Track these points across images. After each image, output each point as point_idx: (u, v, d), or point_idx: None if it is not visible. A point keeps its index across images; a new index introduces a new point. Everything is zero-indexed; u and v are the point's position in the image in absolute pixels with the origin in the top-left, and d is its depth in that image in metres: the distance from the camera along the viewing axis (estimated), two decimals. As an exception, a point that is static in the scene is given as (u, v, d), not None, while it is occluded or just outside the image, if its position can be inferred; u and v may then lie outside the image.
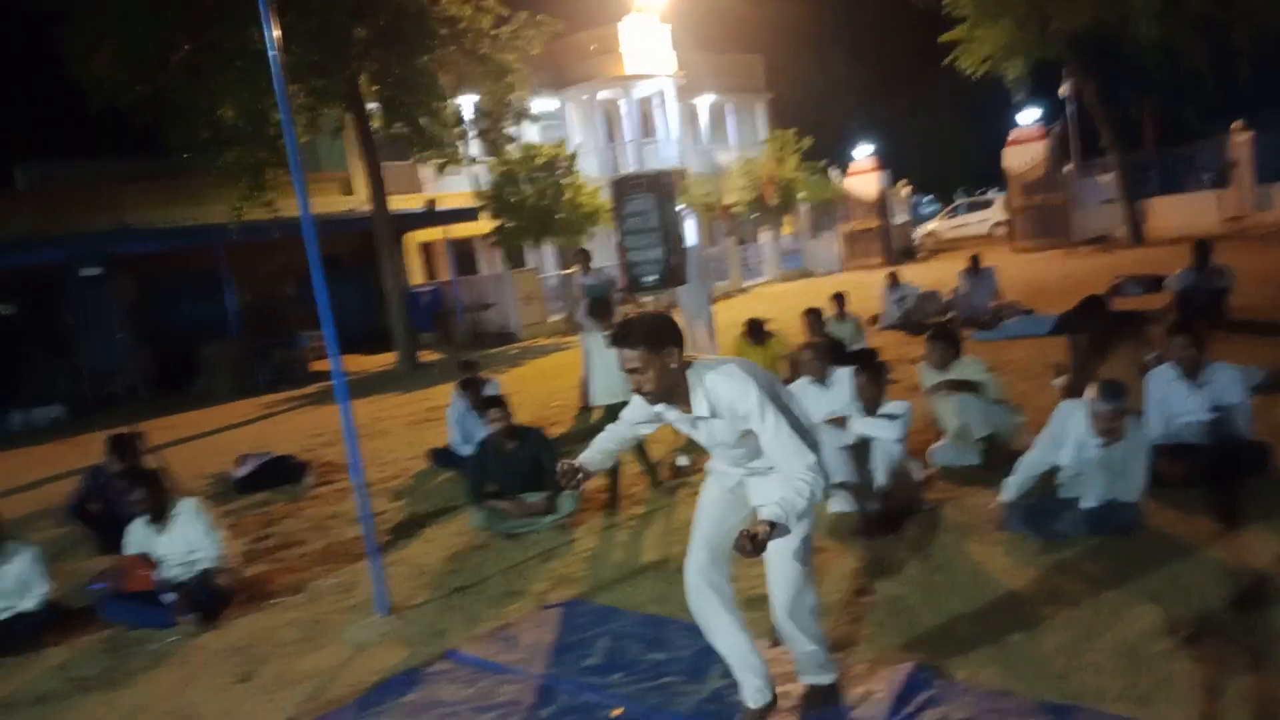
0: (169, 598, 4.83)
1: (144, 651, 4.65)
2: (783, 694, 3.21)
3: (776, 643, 3.34)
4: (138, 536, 5.08)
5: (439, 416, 9.31)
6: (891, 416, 4.92)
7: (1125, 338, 5.88)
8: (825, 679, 3.20)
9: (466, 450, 6.93)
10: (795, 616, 3.00)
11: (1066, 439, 4.49)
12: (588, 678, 3.70)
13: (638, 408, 3.10)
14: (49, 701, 4.22)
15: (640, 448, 6.01)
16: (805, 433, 2.80)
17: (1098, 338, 5.84)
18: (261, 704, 3.89)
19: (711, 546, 3.03)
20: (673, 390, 2.83)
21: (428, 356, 17.33)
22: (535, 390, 11.13)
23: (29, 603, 4.96)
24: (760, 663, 3.07)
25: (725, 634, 3.04)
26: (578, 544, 5.38)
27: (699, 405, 2.82)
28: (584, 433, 7.07)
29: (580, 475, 3.07)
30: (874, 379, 5.02)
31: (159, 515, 5.03)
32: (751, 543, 2.57)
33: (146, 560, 5.03)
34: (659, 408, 2.95)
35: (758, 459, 2.92)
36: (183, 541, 5.03)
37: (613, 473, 5.98)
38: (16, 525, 6.88)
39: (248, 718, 3.78)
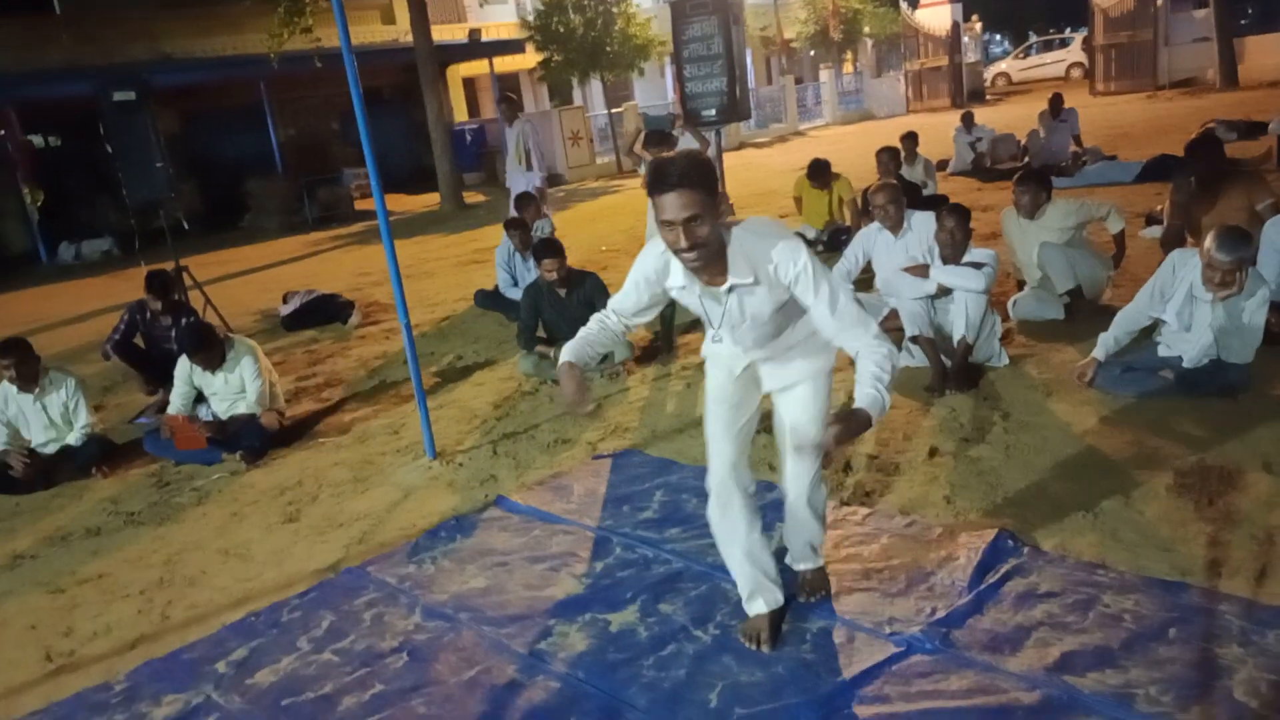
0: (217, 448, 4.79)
1: (191, 488, 4.59)
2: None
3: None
4: (187, 371, 4.95)
5: (486, 259, 9.05)
6: (977, 265, 4.50)
7: (1239, 181, 5.30)
8: (817, 564, 2.96)
9: (514, 293, 6.67)
10: (813, 499, 2.73)
11: (1175, 292, 4.07)
12: (643, 531, 3.53)
13: (640, 286, 2.50)
14: (102, 534, 4.19)
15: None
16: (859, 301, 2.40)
17: (1209, 180, 5.27)
18: (312, 544, 3.80)
19: (738, 441, 2.68)
20: (714, 253, 2.30)
21: (472, 198, 16.93)
22: (584, 234, 10.78)
23: (74, 437, 4.91)
24: (774, 566, 2.79)
25: (746, 540, 2.70)
26: (631, 393, 5.16)
27: (739, 271, 2.32)
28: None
29: (590, 375, 2.61)
30: (961, 225, 4.57)
31: (215, 366, 4.88)
32: (841, 438, 2.24)
33: (197, 419, 4.93)
34: (676, 283, 2.44)
35: (779, 340, 2.54)
36: (234, 382, 4.91)
37: (667, 321, 5.70)
38: (67, 358, 6.88)
39: (299, 558, 3.69)
